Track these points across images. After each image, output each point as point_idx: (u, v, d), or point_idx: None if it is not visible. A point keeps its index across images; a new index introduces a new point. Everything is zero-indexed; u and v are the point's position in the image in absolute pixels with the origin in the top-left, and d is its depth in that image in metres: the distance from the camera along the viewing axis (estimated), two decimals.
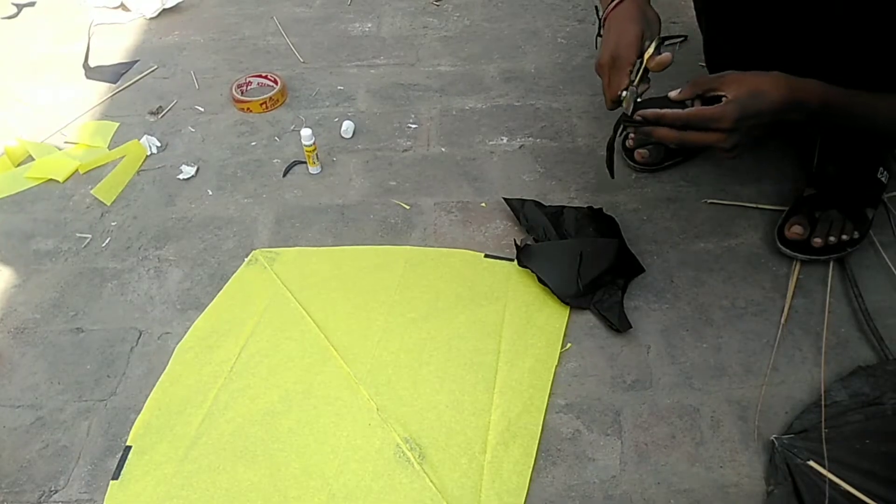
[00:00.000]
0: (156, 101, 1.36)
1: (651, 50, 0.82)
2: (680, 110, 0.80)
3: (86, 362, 0.93)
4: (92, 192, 1.15)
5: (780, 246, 1.01)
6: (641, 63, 0.84)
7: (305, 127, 1.19)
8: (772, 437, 0.81)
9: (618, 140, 1.16)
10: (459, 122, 1.29)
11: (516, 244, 1.01)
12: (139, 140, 1.25)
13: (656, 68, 0.82)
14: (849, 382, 0.86)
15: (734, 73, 0.80)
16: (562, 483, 0.80)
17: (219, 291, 1.00)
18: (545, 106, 1.30)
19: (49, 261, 1.06)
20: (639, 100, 0.85)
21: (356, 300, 0.98)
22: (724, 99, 0.79)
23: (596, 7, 0.95)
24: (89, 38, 1.54)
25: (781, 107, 0.78)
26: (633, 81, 0.84)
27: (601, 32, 0.91)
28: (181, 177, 1.19)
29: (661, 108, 0.82)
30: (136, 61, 1.47)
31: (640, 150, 1.14)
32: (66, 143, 1.27)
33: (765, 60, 0.97)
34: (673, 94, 0.83)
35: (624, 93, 0.85)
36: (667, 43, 1.49)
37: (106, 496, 0.79)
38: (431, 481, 0.79)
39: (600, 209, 1.06)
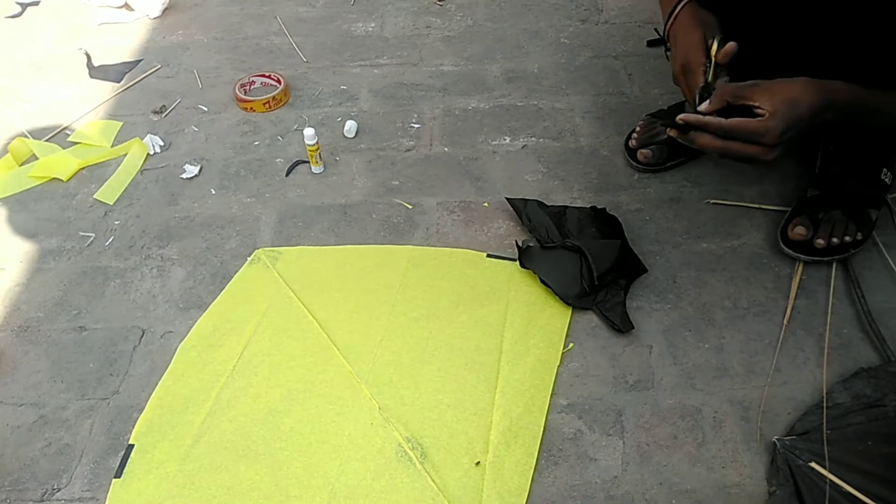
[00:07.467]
0: (159, 101, 1.36)
1: (715, 46, 0.84)
2: (724, 119, 0.79)
3: (88, 361, 0.93)
4: (95, 196, 1.15)
5: (783, 247, 1.01)
6: (711, 62, 0.85)
7: (308, 126, 1.18)
8: (773, 439, 0.81)
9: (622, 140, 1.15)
10: (462, 121, 1.29)
11: (518, 246, 1.01)
12: (142, 139, 1.25)
13: (724, 60, 0.83)
14: (850, 384, 0.85)
15: (763, 83, 0.80)
16: (563, 483, 0.80)
17: (221, 290, 1.00)
18: (548, 106, 1.30)
19: (52, 259, 1.07)
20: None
21: (358, 299, 0.98)
22: (758, 111, 0.78)
23: (656, 29, 0.97)
24: (90, 38, 1.54)
25: (817, 110, 0.78)
26: (708, 79, 0.85)
27: (668, 48, 0.95)
28: (184, 176, 1.19)
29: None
30: (140, 61, 1.48)
31: (643, 151, 1.14)
32: (69, 141, 1.28)
33: (775, 55, 0.97)
34: (702, 107, 0.82)
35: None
36: None
37: (108, 494, 0.79)
38: (433, 481, 0.79)
39: (603, 209, 1.06)
